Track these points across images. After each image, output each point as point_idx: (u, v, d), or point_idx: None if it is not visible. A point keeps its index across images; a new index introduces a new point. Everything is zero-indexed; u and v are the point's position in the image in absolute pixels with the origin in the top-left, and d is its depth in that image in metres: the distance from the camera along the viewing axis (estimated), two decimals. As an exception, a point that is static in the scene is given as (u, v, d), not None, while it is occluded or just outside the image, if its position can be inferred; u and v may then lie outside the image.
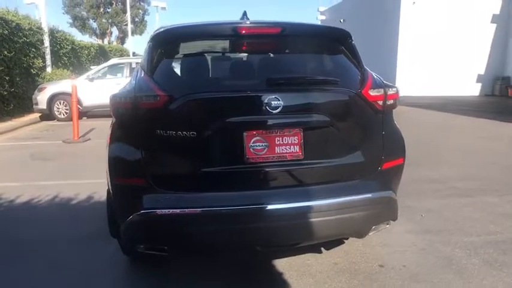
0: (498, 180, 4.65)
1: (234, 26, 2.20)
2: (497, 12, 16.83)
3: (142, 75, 2.14)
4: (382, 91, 2.20)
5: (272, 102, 1.96)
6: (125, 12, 45.75)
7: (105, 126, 9.41)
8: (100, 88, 10.11)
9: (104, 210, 3.60)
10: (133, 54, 25.36)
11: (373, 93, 2.17)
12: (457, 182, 4.53)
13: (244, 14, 2.74)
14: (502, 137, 7.68)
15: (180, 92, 1.97)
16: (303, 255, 2.74)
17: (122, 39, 47.68)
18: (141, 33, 47.15)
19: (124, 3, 45.72)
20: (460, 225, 3.31)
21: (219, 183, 2.01)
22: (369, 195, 2.12)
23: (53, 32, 13.48)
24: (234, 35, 2.21)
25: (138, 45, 52.37)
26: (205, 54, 2.36)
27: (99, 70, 10.76)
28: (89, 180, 4.70)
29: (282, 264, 2.65)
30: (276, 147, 2.02)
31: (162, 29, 2.31)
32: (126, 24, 47.26)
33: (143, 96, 1.98)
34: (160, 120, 1.97)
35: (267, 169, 2.01)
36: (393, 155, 2.27)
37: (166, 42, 2.25)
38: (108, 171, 2.20)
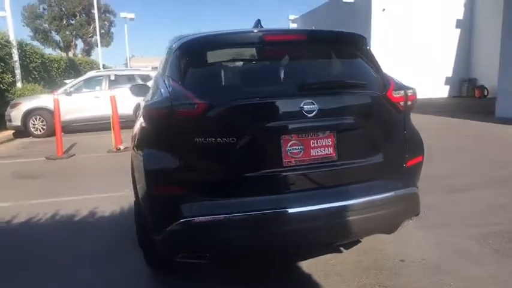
0: (487, 175, 4.90)
1: (261, 33, 2.26)
2: (461, 17, 17.76)
3: (173, 83, 2.15)
4: (403, 93, 2.32)
5: (307, 106, 2.03)
6: (89, 23, 44.85)
7: (87, 140, 9.32)
8: (78, 102, 9.87)
9: (111, 227, 3.56)
10: (104, 66, 24.86)
11: (396, 95, 2.28)
12: (450, 178, 4.74)
13: (259, 22, 2.81)
14: (483, 135, 8.07)
15: (216, 99, 2.00)
16: (323, 257, 2.80)
17: (88, 51, 46.66)
18: (107, 45, 46.34)
19: (88, 15, 44.85)
20: (462, 218, 3.48)
21: (258, 188, 2.05)
22: (399, 192, 2.22)
23: (21, 45, 13.05)
24: (261, 42, 2.27)
25: (106, 57, 51.43)
26: (235, 62, 2.41)
27: (76, 84, 10.50)
28: (87, 196, 4.60)
29: (305, 266, 2.69)
30: (312, 150, 2.08)
31: (190, 38, 2.34)
32: (92, 36, 46.31)
33: (180, 105, 1.99)
34: (198, 128, 1.99)
35: (304, 172, 2.07)
36: (415, 153, 2.39)
37: (196, 51, 2.28)
38: (140, 182, 2.20)
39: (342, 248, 2.90)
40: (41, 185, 5.36)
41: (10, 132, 10.26)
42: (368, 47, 2.48)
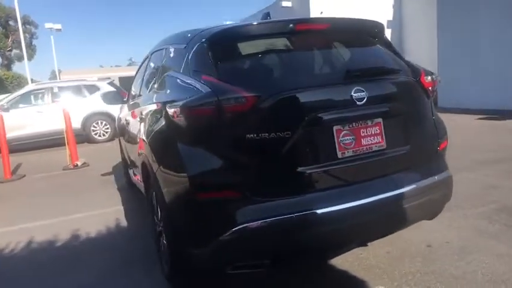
0: (465, 159, 5.12)
1: (292, 23, 2.14)
2: (391, 18, 18.96)
3: (207, 78, 1.95)
4: (431, 78, 2.33)
5: (357, 94, 1.95)
6: (7, 36, 41.31)
7: (34, 159, 8.52)
8: (19, 118, 8.95)
9: (100, 251, 3.18)
10: (32, 80, 22.95)
11: (427, 80, 2.29)
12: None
13: (268, 15, 2.69)
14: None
15: (265, 91, 1.84)
16: (350, 253, 2.73)
17: (7, 66, 43.05)
18: (30, 58, 42.97)
19: (5, 27, 41.29)
20: (463, 201, 3.59)
21: (314, 183, 1.92)
22: (441, 175, 2.22)
23: None
24: (293, 31, 2.15)
25: (30, 71, 47.51)
26: (269, 53, 2.24)
27: (14, 98, 9.50)
28: (57, 219, 4.12)
29: (339, 263, 2.61)
30: (362, 139, 2.01)
31: (218, 30, 2.16)
32: (10, 50, 42.67)
33: (228, 99, 1.80)
34: (248, 124, 1.82)
35: (358, 162, 1.99)
36: (443, 137, 2.41)
37: (228, 42, 2.11)
38: (176, 190, 1.98)
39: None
40: (-2, 212, 4.73)
41: None
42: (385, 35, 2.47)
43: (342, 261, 2.62)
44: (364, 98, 1.96)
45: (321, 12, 17.50)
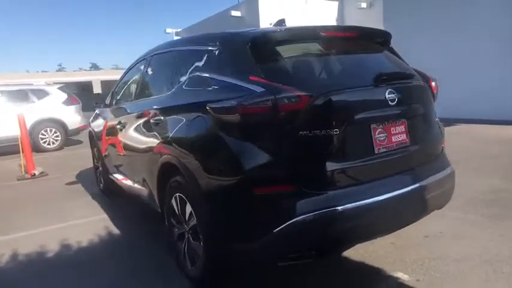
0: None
1: (323, 29, 2.32)
2: (334, 22, 19.97)
3: (254, 78, 2.03)
4: (435, 83, 2.62)
5: (390, 95, 2.16)
6: None
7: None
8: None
9: (101, 260, 3.06)
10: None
11: (434, 84, 2.57)
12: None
13: (283, 21, 2.83)
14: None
15: (314, 91, 1.97)
16: (358, 246, 2.90)
17: None
18: None
19: None
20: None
21: (357, 176, 2.08)
22: (448, 169, 2.49)
23: None
24: (325, 37, 2.32)
25: None
26: (307, 56, 2.37)
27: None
28: (38, 230, 3.86)
29: (351, 254, 2.79)
30: (392, 137, 2.21)
31: (261, 32, 2.25)
32: None
33: (283, 98, 1.90)
34: (301, 121, 1.93)
35: (389, 157, 2.18)
36: (443, 136, 2.71)
37: (270, 45, 2.21)
38: (230, 186, 2.02)
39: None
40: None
41: None
42: None
43: (354, 254, 2.81)
44: (395, 99, 2.17)
45: (270, 24, 18.06)
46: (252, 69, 2.09)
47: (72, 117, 9.83)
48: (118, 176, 4.06)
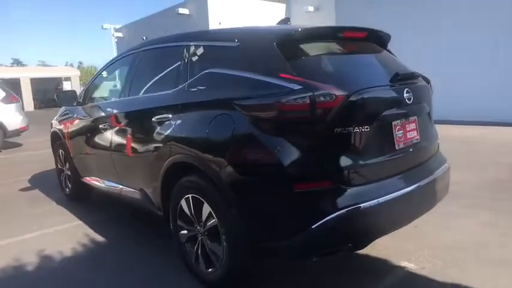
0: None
1: (354, 29, 2.41)
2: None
3: (287, 76, 2.01)
4: (431, 83, 2.80)
5: (407, 94, 2.27)
6: None
7: None
8: None
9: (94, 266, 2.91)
10: None
11: (431, 84, 2.75)
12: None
13: (288, 20, 2.86)
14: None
15: (347, 89, 2.01)
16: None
17: None
18: None
19: None
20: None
21: (384, 171, 2.16)
22: (447, 164, 2.68)
23: None
24: (346, 37, 2.41)
25: None
26: (331, 55, 2.40)
27: None
28: (5, 241, 3.49)
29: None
30: (407, 133, 2.32)
31: (289, 29, 2.24)
32: None
33: (321, 96, 1.92)
34: (336, 119, 1.96)
35: (406, 153, 2.30)
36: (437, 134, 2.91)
37: (297, 43, 2.21)
38: (271, 183, 2.01)
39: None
40: None
41: None
42: None
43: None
44: (411, 98, 2.30)
45: (220, 23, 17.94)
46: (281, 66, 2.08)
47: (12, 117, 8.98)
48: (96, 179, 3.80)
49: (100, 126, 3.44)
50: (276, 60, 2.11)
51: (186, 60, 2.63)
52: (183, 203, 2.52)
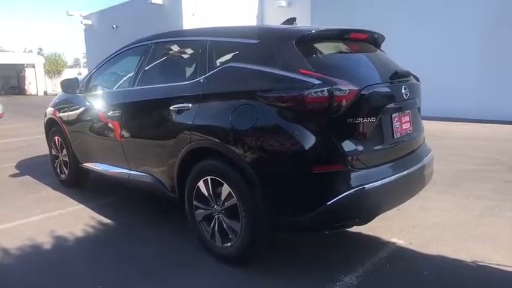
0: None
1: (353, 31, 2.70)
2: (254, 20, 20.58)
3: (306, 71, 2.29)
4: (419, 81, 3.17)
5: (404, 90, 2.63)
6: None
7: None
8: None
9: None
10: None
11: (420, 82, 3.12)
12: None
13: (294, 20, 3.13)
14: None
15: (358, 84, 2.33)
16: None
17: None
18: None
19: None
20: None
21: (385, 157, 2.51)
22: (432, 153, 3.07)
23: None
24: (352, 38, 2.72)
25: None
26: (341, 54, 2.70)
27: None
28: (12, 223, 3.58)
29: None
30: (403, 125, 2.68)
31: (307, 29, 2.52)
32: None
33: (337, 90, 2.22)
34: (348, 110, 2.27)
35: (401, 142, 2.65)
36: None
37: (315, 42, 2.52)
38: (290, 165, 2.30)
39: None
40: None
41: None
42: None
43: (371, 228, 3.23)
44: (408, 94, 2.65)
45: (193, 14, 17.90)
46: (300, 63, 2.36)
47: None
48: (99, 165, 3.93)
49: (108, 114, 3.57)
50: (295, 57, 2.39)
51: (204, 54, 2.85)
52: (200, 184, 2.75)
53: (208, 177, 2.68)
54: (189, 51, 3.06)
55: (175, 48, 3.28)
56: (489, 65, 9.90)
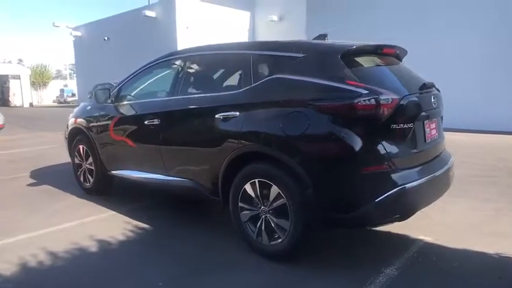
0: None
1: (390, 46, 3.03)
2: (247, 40, 21.05)
3: (352, 82, 2.55)
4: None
5: (433, 99, 2.93)
6: None
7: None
8: None
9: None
10: None
11: (440, 93, 3.43)
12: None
13: (326, 36, 3.41)
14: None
15: (398, 94, 2.60)
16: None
17: None
18: None
19: None
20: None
21: (420, 159, 2.78)
22: (453, 158, 3.35)
23: None
24: (385, 52, 3.02)
25: None
26: (377, 66, 2.97)
27: None
28: (53, 228, 3.69)
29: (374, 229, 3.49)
30: (431, 131, 2.97)
31: (349, 44, 2.78)
32: None
33: (383, 99, 2.49)
34: (391, 117, 2.54)
35: (431, 147, 2.94)
36: None
37: (357, 55, 2.80)
38: (344, 166, 2.55)
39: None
40: None
41: None
42: None
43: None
44: (436, 103, 2.95)
45: (187, 27, 18.18)
46: (346, 74, 2.62)
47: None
48: (131, 172, 4.08)
49: (145, 122, 3.73)
50: (341, 70, 2.65)
51: (248, 66, 3.07)
52: (247, 187, 2.95)
53: (256, 180, 2.89)
54: (233, 63, 3.29)
55: (217, 60, 3.51)
56: (474, 78, 10.44)
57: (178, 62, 3.72)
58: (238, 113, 2.98)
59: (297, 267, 2.82)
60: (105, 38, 21.40)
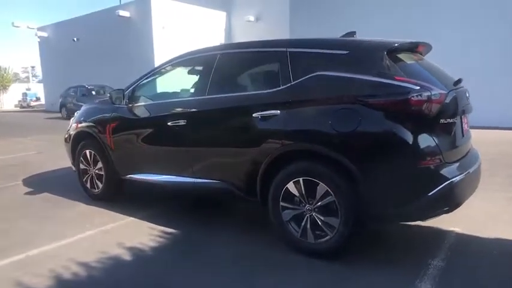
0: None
1: (423, 43, 3.10)
2: (223, 40, 20.94)
3: (402, 78, 2.57)
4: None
5: (467, 94, 3.02)
6: None
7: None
8: None
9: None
10: None
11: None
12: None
13: (354, 33, 3.43)
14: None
15: (444, 89, 2.66)
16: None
17: None
18: None
19: None
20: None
21: (461, 153, 2.85)
22: (479, 153, 3.46)
23: None
24: (420, 50, 3.09)
25: None
26: (412, 63, 3.00)
27: None
28: (74, 238, 3.50)
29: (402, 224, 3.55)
30: (465, 125, 3.05)
31: (393, 42, 2.81)
32: None
33: (433, 95, 2.53)
34: (440, 111, 2.59)
35: (466, 141, 3.02)
36: None
37: (398, 53, 2.84)
38: (402, 160, 2.57)
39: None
40: None
41: None
42: None
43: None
44: (468, 98, 3.03)
45: (163, 27, 17.83)
46: (393, 71, 2.65)
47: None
48: (151, 175, 3.93)
49: (169, 123, 3.59)
50: (389, 66, 2.67)
51: (286, 63, 3.03)
52: (290, 186, 2.92)
53: (301, 178, 2.86)
54: (267, 61, 3.24)
55: (250, 58, 3.41)
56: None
57: (205, 60, 3.61)
58: (279, 112, 2.94)
59: (346, 264, 2.82)
60: (75, 39, 20.62)
